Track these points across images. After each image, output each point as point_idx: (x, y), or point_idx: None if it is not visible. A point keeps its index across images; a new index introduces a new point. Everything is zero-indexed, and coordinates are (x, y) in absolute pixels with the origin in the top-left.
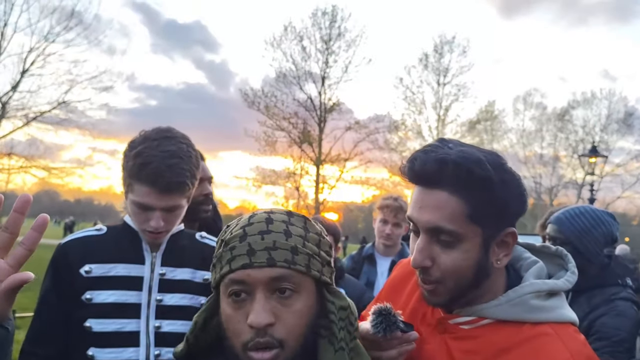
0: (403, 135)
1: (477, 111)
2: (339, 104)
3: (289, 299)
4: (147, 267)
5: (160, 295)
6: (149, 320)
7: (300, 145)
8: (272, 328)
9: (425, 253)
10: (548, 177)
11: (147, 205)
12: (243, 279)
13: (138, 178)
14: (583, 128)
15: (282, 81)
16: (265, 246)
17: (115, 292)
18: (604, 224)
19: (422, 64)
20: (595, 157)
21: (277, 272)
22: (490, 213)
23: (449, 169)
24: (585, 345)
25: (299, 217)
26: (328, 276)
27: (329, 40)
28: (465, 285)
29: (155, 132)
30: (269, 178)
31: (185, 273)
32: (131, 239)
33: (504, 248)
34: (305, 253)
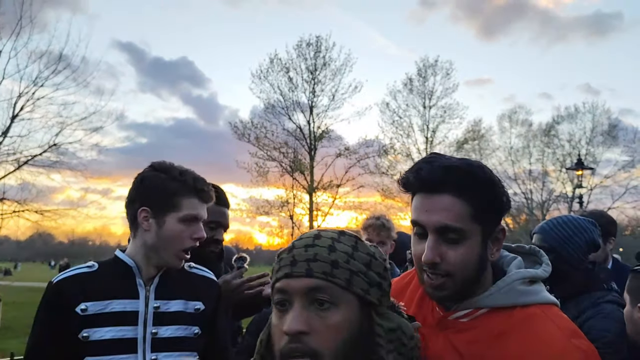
0: (393, 159)
1: (464, 131)
2: (328, 132)
3: (326, 311)
4: (141, 301)
5: (155, 329)
6: (145, 353)
7: (292, 174)
8: (306, 337)
9: (435, 251)
10: (538, 192)
11: (198, 217)
12: (283, 287)
13: (189, 191)
14: (569, 142)
15: (271, 112)
16: (306, 258)
17: (111, 328)
18: (586, 231)
19: (407, 88)
20: (582, 170)
21: (314, 282)
22: (489, 212)
23: (455, 174)
24: (569, 322)
25: (350, 236)
26: (376, 297)
27: (314, 70)
28: (470, 278)
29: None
30: (262, 208)
31: (178, 305)
32: (125, 274)
33: (496, 243)
34: (347, 269)
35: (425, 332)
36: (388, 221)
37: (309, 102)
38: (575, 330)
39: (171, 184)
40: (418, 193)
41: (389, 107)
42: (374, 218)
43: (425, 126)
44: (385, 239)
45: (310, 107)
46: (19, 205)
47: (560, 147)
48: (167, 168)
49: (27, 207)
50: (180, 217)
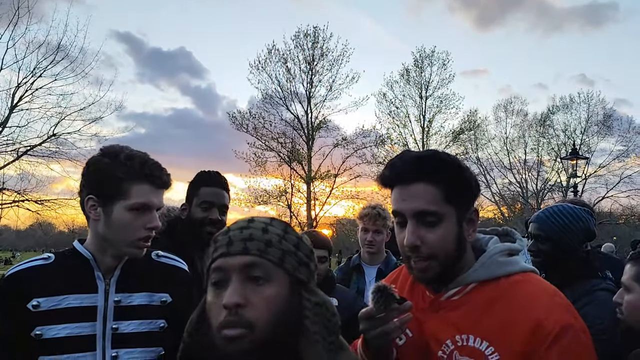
0: (390, 149)
1: (460, 121)
2: (326, 122)
3: (261, 286)
4: (100, 295)
5: (115, 324)
6: (105, 350)
7: (289, 164)
8: (242, 309)
9: (415, 234)
10: (533, 182)
11: (148, 205)
12: (220, 265)
13: (137, 177)
14: (564, 132)
15: (269, 102)
16: (242, 238)
17: (67, 325)
18: (582, 220)
19: (404, 78)
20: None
21: (250, 259)
22: (461, 195)
23: (425, 163)
24: (549, 284)
25: (280, 222)
26: (305, 276)
27: (312, 60)
28: (451, 257)
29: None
30: (261, 198)
31: (142, 297)
32: (82, 266)
33: (472, 224)
34: (279, 248)
35: (419, 316)
36: (384, 210)
37: (307, 92)
38: (556, 290)
39: (117, 169)
40: (395, 186)
41: (385, 98)
42: (370, 207)
43: (422, 116)
44: (380, 228)
45: (308, 98)
46: (19, 195)
47: (555, 136)
48: (113, 152)
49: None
50: (129, 205)
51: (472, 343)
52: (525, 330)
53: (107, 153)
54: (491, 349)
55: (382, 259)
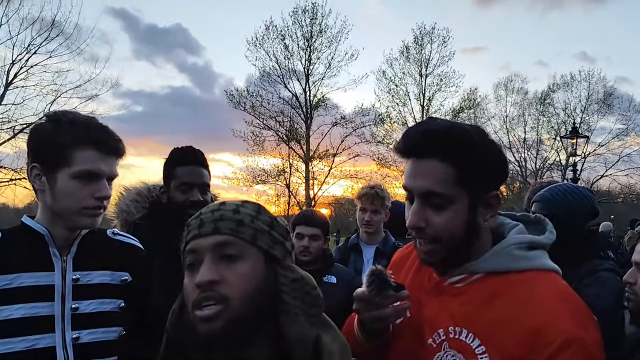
0: (389, 128)
1: (460, 100)
2: (325, 100)
3: (234, 263)
4: (57, 273)
5: (75, 304)
6: (64, 332)
7: (288, 143)
8: (217, 285)
9: (420, 215)
10: (532, 161)
11: (96, 172)
12: (193, 247)
13: (84, 142)
14: (564, 110)
15: (267, 80)
16: (213, 219)
17: (22, 305)
18: (587, 199)
19: (404, 56)
20: (577, 138)
21: (222, 238)
22: (476, 177)
23: (437, 138)
24: (566, 287)
25: (253, 204)
26: (280, 254)
27: (310, 37)
28: (458, 243)
29: (66, 110)
30: (259, 177)
31: (102, 276)
32: (35, 243)
33: (490, 209)
34: (251, 227)
35: (422, 297)
36: (382, 190)
37: (305, 70)
38: (569, 295)
39: (59, 134)
40: (409, 158)
41: (385, 76)
42: (368, 187)
43: (421, 94)
44: (378, 208)
45: (306, 75)
46: (16, 174)
47: (555, 115)
48: (56, 117)
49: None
50: (73, 173)
51: (463, 337)
52: (523, 334)
53: (49, 118)
54: (482, 347)
55: (380, 239)
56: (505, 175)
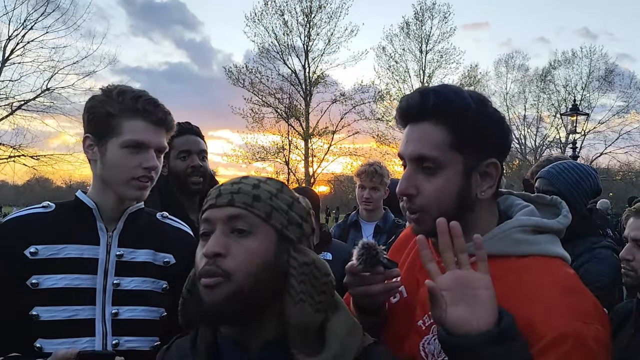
0: (388, 105)
1: (460, 76)
2: (324, 77)
3: (244, 237)
4: (102, 247)
5: (117, 279)
6: (105, 306)
7: (287, 120)
8: (221, 259)
9: (410, 181)
10: (532, 138)
11: (143, 142)
12: (207, 217)
13: (132, 111)
14: (565, 87)
15: (266, 56)
16: (231, 191)
17: (65, 276)
18: (591, 177)
19: (404, 32)
20: (577, 116)
21: (235, 211)
22: (471, 141)
23: (430, 100)
24: (570, 277)
25: (277, 182)
26: (295, 235)
27: (309, 13)
28: (449, 213)
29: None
30: (258, 154)
31: (146, 255)
32: (84, 217)
33: (487, 179)
34: (268, 204)
35: (421, 277)
36: (381, 167)
37: (304, 46)
38: (572, 285)
39: (109, 105)
40: (407, 124)
41: (385, 52)
42: (367, 165)
43: (422, 71)
44: (377, 185)
45: (305, 52)
46: (15, 151)
47: (555, 92)
48: (108, 89)
49: (22, 152)
50: (122, 142)
51: None
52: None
53: (103, 90)
54: None
55: (380, 216)
56: (507, 145)
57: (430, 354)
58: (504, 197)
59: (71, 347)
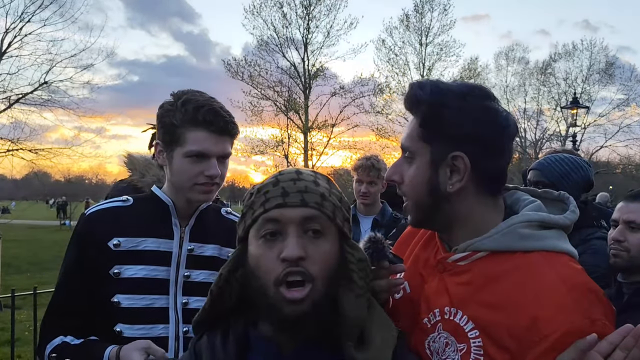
0: (388, 98)
1: (460, 69)
2: (323, 70)
3: (318, 239)
4: (176, 242)
5: (187, 272)
6: (176, 296)
7: (286, 113)
8: (303, 262)
9: (395, 168)
10: (532, 131)
11: (204, 153)
12: (277, 217)
13: (194, 123)
14: (565, 80)
15: (265, 49)
16: (298, 189)
17: (144, 267)
18: (583, 169)
19: (404, 24)
20: (577, 109)
21: (309, 212)
22: (437, 133)
23: (409, 92)
24: (579, 274)
25: (324, 175)
26: (348, 230)
27: (309, 5)
28: (424, 204)
29: (188, 89)
30: (257, 148)
31: (213, 249)
32: (161, 212)
33: (455, 173)
34: (330, 202)
35: (425, 273)
36: (378, 161)
37: (304, 38)
38: (578, 282)
39: (173, 115)
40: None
41: (384, 44)
42: (364, 159)
43: (421, 64)
44: (374, 179)
45: (304, 44)
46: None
47: (556, 85)
48: (176, 97)
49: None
50: (185, 152)
51: (458, 319)
52: (520, 325)
53: (173, 97)
54: (475, 332)
55: (377, 210)
56: (481, 139)
57: (435, 352)
58: (511, 193)
59: (148, 333)
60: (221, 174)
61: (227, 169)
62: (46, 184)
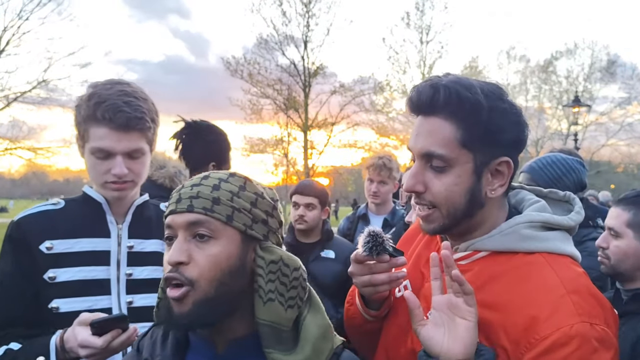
0: (389, 96)
1: (461, 68)
2: (323, 68)
3: (206, 243)
4: (113, 240)
5: (129, 269)
6: (120, 295)
7: (286, 112)
8: (183, 267)
9: (418, 178)
10: (534, 130)
11: (107, 150)
12: (169, 223)
13: (94, 119)
14: (567, 79)
15: (264, 47)
16: (190, 195)
17: (82, 268)
18: (574, 172)
19: (404, 22)
20: (579, 107)
21: (194, 217)
22: (482, 139)
23: (440, 94)
24: (580, 276)
25: (240, 177)
26: (261, 233)
27: (308, 2)
28: (459, 213)
29: (106, 80)
30: (257, 146)
31: (155, 245)
32: (94, 211)
33: (498, 177)
34: (229, 205)
35: (426, 271)
36: (390, 161)
37: (303, 36)
38: (579, 284)
39: (79, 110)
40: (418, 115)
41: (385, 43)
42: (376, 157)
43: (422, 62)
44: (385, 179)
45: (304, 42)
46: (11, 143)
47: (557, 83)
48: (87, 90)
49: (19, 144)
50: (89, 149)
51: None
52: (517, 325)
53: (87, 89)
54: None
55: (388, 210)
56: (522, 141)
57: None
58: (515, 192)
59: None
60: (132, 170)
61: (142, 165)
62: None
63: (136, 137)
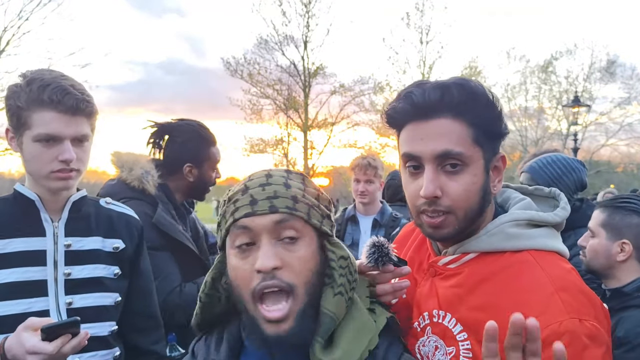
0: (389, 96)
1: (461, 68)
2: (323, 68)
3: (294, 245)
4: (49, 238)
5: (68, 269)
6: (58, 296)
7: (286, 112)
8: (279, 272)
9: (436, 183)
10: (533, 130)
11: (54, 135)
12: (248, 225)
13: (39, 103)
14: (566, 79)
15: (264, 47)
16: (267, 195)
17: (15, 270)
18: (575, 171)
19: (404, 22)
20: (578, 107)
21: (280, 217)
22: (487, 134)
23: (452, 94)
24: (569, 273)
25: (297, 174)
26: (328, 228)
27: (308, 2)
28: (474, 213)
29: (37, 69)
30: (257, 146)
31: (94, 242)
32: (27, 209)
33: (497, 173)
34: (305, 203)
35: (418, 276)
36: (374, 160)
37: (303, 36)
38: (567, 281)
39: (18, 97)
40: (410, 122)
41: (385, 43)
42: (360, 157)
43: (422, 62)
44: (372, 178)
45: (304, 42)
46: None
47: (557, 83)
48: (23, 75)
49: None
50: (34, 136)
51: (446, 322)
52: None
53: (21, 77)
54: (464, 334)
55: (377, 210)
56: (507, 133)
57: (425, 356)
58: (501, 191)
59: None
60: (79, 158)
61: (87, 154)
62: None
63: (83, 122)
